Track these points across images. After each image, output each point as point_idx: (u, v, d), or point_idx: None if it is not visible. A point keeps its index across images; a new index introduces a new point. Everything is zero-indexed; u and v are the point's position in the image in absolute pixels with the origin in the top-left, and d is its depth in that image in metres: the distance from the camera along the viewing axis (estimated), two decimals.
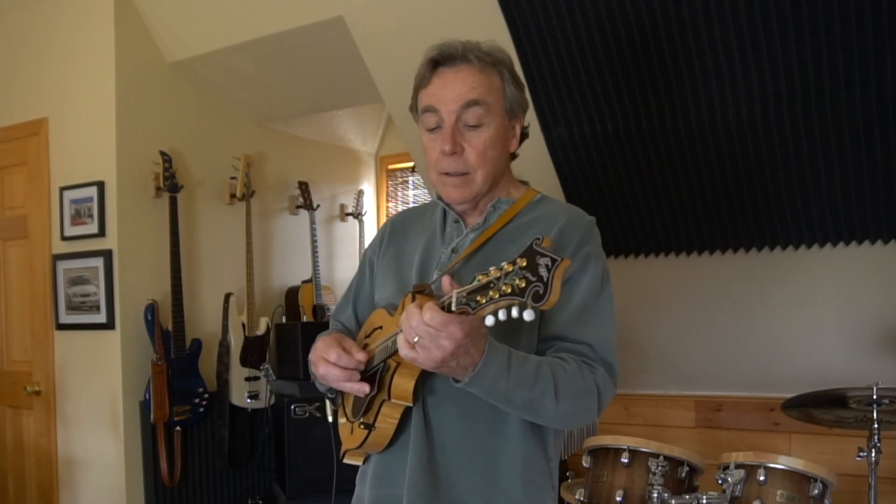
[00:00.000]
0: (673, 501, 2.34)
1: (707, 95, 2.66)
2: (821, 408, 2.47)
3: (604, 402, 1.36)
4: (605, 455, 2.54)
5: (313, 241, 4.23)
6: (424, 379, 1.34)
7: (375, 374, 1.37)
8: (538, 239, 1.04)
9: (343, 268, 4.72)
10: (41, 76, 3.67)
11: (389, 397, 1.33)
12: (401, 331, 1.19)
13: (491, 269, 1.07)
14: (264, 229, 4.18)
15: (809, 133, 2.60)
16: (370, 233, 4.94)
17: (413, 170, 4.85)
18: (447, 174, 1.43)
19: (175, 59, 3.61)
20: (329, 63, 3.49)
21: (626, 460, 2.46)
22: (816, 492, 2.31)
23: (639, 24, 2.57)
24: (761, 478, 2.32)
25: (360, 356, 1.37)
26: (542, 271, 1.01)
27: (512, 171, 1.53)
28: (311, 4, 3.09)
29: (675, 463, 2.46)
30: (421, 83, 1.45)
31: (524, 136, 1.51)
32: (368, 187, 4.97)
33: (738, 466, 2.37)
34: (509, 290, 1.03)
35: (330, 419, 1.55)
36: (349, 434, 1.46)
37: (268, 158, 4.20)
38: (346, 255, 4.75)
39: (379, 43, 3.08)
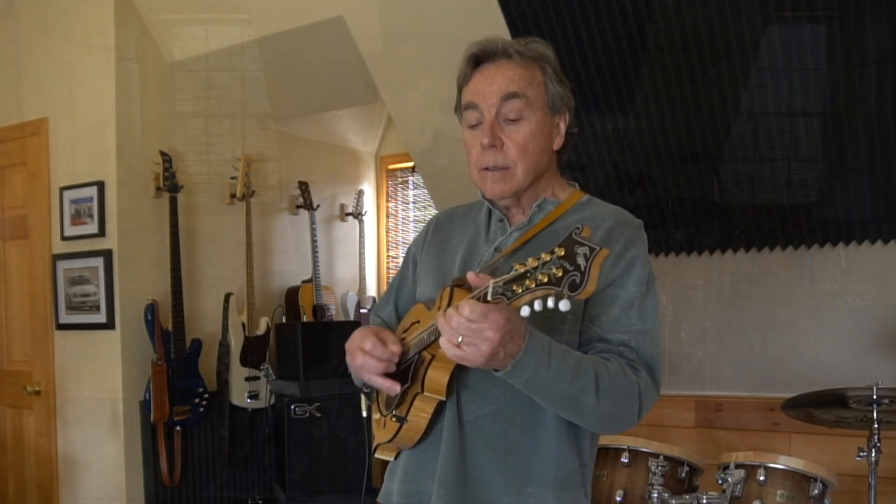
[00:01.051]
0: (673, 501, 2.33)
1: (707, 96, 2.66)
2: (821, 408, 2.47)
3: (645, 406, 1.31)
4: (604, 455, 2.53)
5: (313, 241, 4.23)
6: (459, 373, 1.31)
7: (410, 366, 1.34)
8: (577, 228, 1.03)
9: (343, 268, 4.71)
10: (41, 76, 3.67)
11: (423, 390, 1.30)
12: (436, 322, 1.17)
13: (529, 258, 1.05)
14: (264, 229, 4.17)
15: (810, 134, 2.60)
16: (370, 233, 4.93)
17: (413, 170, 4.84)
18: (487, 168, 1.40)
19: (175, 59, 3.61)
20: (329, 63, 3.49)
21: (626, 460, 2.46)
22: (816, 492, 2.31)
23: (639, 25, 2.58)
24: (761, 478, 2.32)
25: (395, 347, 1.35)
26: (580, 260, 1.00)
27: (558, 172, 1.49)
28: (311, 4, 3.09)
29: (675, 463, 2.45)
30: (463, 81, 1.43)
31: (570, 136, 1.47)
32: (368, 187, 4.97)
33: (738, 466, 2.37)
34: (546, 280, 1.02)
35: (364, 414, 1.53)
36: (382, 428, 1.44)
37: (268, 158, 4.20)
38: (346, 255, 4.74)
39: (379, 43, 3.08)
